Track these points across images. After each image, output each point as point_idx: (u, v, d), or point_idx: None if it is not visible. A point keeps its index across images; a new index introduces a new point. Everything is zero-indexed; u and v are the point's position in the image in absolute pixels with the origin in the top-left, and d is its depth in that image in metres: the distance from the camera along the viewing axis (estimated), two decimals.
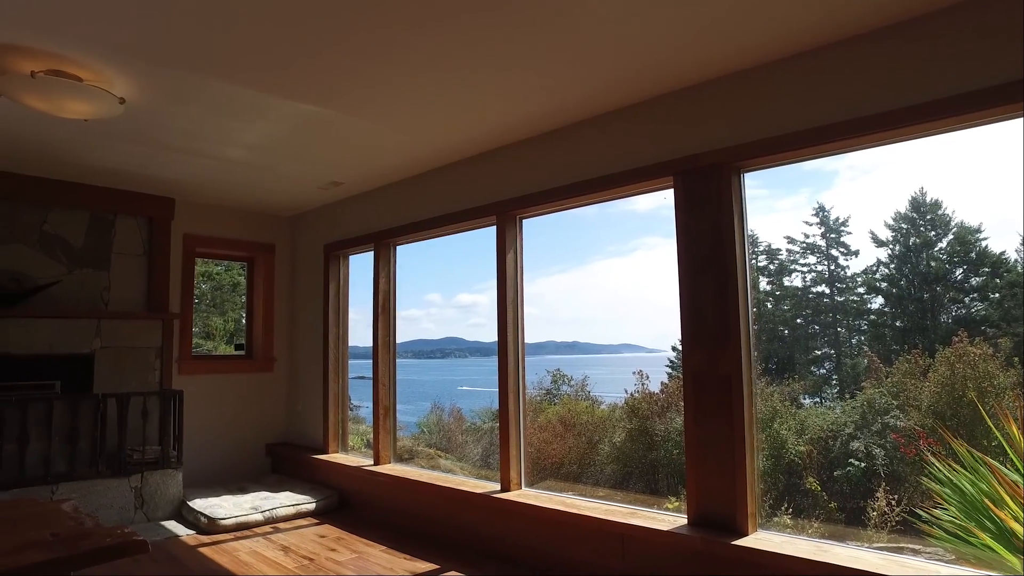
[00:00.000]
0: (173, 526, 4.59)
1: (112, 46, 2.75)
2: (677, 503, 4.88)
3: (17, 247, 4.74)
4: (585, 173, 3.69)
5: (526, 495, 3.83)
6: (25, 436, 4.26)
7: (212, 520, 4.44)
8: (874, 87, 2.66)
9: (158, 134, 3.89)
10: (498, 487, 4.00)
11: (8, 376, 4.53)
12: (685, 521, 3.11)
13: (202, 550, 4.07)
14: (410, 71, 3.05)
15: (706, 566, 2.90)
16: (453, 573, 3.59)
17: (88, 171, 4.68)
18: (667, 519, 3.20)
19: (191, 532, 4.46)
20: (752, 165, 3.08)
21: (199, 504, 4.70)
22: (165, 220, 5.44)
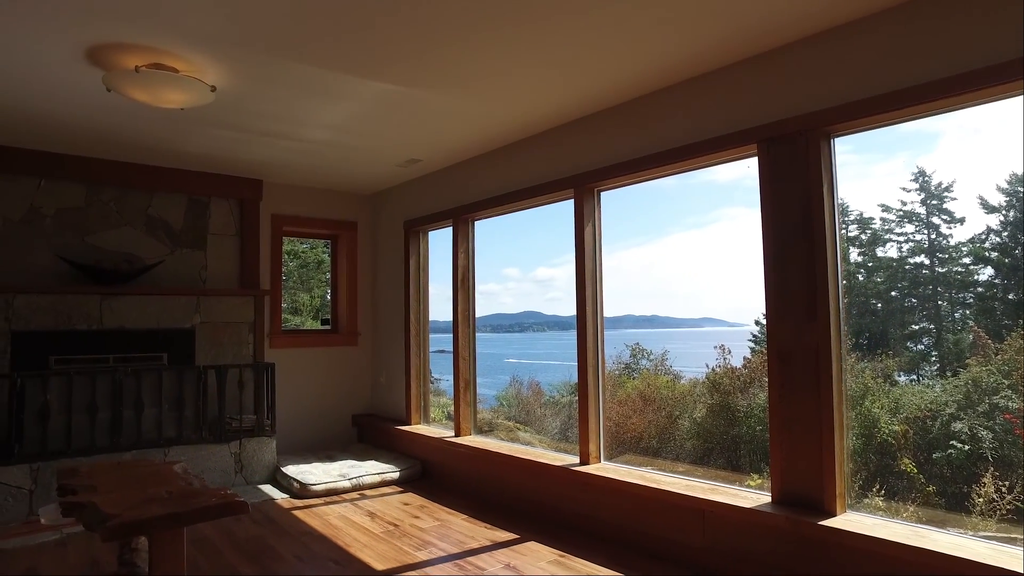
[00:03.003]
0: (269, 489, 4.90)
1: (205, 36, 2.88)
2: (760, 480, 4.75)
3: (127, 230, 5.13)
4: (665, 143, 3.59)
5: (605, 469, 3.84)
6: (140, 403, 4.65)
7: (304, 485, 4.71)
8: (982, 37, 2.44)
9: (245, 119, 4.08)
10: (577, 460, 4.03)
11: (124, 348, 4.95)
12: (769, 499, 3.03)
13: (295, 513, 4.33)
14: (489, 46, 3.04)
15: (791, 545, 2.83)
16: (532, 543, 3.66)
17: (184, 157, 4.97)
18: (750, 496, 3.13)
19: (285, 496, 4.75)
20: (843, 129, 2.90)
21: (292, 470, 4.99)
22: (254, 201, 5.72)
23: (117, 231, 5.09)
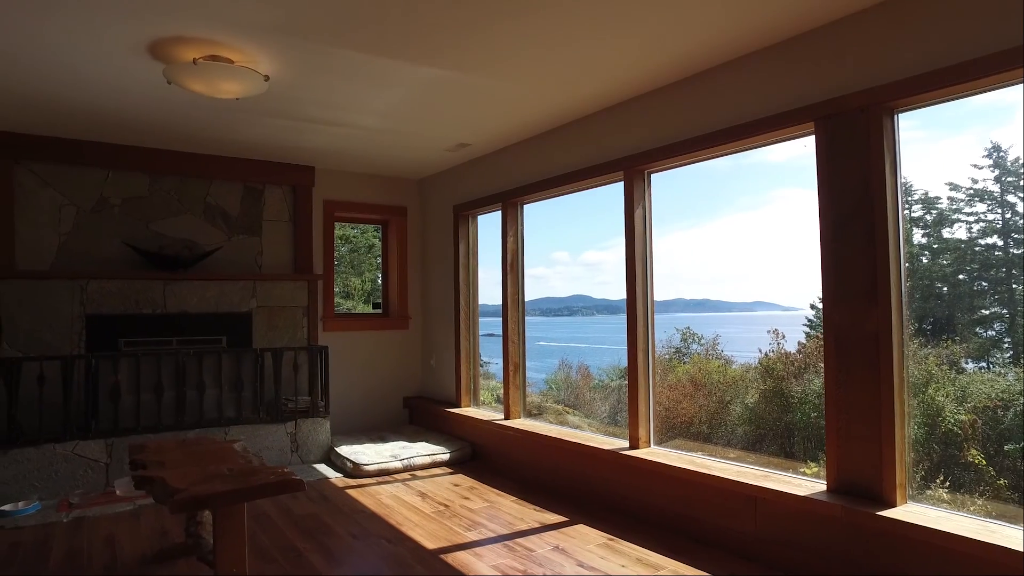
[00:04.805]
0: (323, 469, 5.05)
1: (259, 26, 2.94)
2: (816, 468, 4.64)
3: (187, 217, 5.32)
4: (717, 123, 3.50)
5: (655, 453, 3.81)
6: (202, 384, 4.85)
7: (357, 465, 4.83)
8: None
9: (298, 107, 4.16)
10: (626, 444, 4.01)
11: (186, 331, 5.16)
12: (824, 487, 2.95)
13: (349, 492, 4.45)
14: (538, 27, 3.01)
15: (847, 536, 2.76)
16: (581, 526, 3.67)
17: (239, 146, 5.12)
18: (804, 484, 3.06)
19: (339, 475, 4.89)
20: (908, 104, 2.76)
21: (345, 450, 5.13)
22: (306, 188, 5.84)
23: (178, 218, 5.29)
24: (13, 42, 3.08)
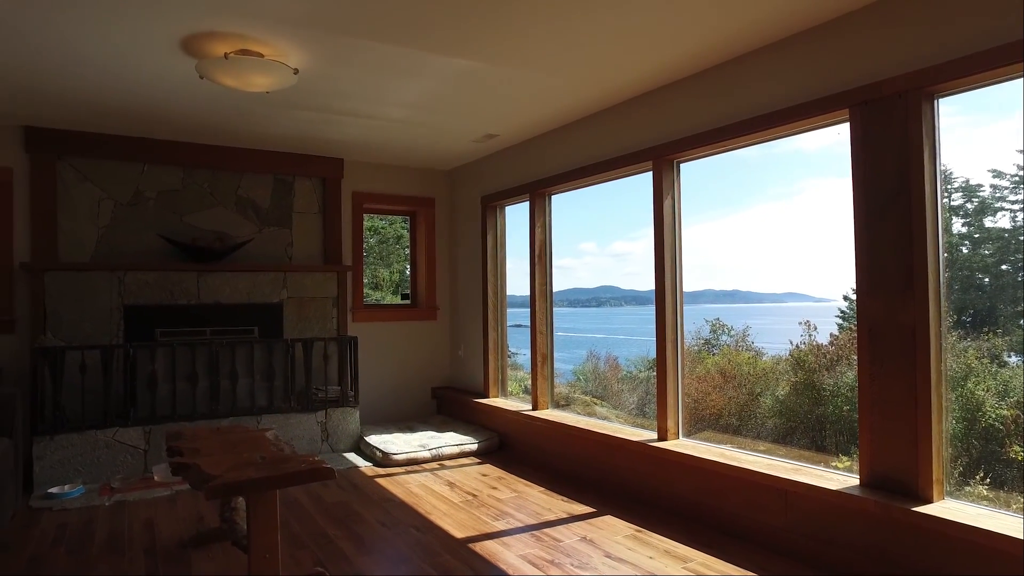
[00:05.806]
0: (353, 457, 5.12)
1: (288, 20, 2.97)
2: (848, 463, 4.55)
3: (219, 210, 5.42)
4: (748, 111, 3.43)
5: (683, 445, 3.78)
6: (235, 373, 4.95)
7: (386, 455, 4.89)
8: None
9: (327, 100, 4.19)
10: (654, 436, 3.99)
11: (219, 322, 5.27)
12: (856, 482, 2.90)
13: (378, 480, 4.51)
14: (568, 15, 2.98)
15: (881, 531, 2.71)
16: (609, 517, 3.67)
17: (270, 139, 5.19)
18: (836, 478, 3.01)
19: (368, 464, 4.95)
20: (949, 89, 2.67)
21: (374, 440, 5.19)
22: (336, 179, 5.90)
23: (210, 211, 5.39)
24: (52, 43, 3.16)
